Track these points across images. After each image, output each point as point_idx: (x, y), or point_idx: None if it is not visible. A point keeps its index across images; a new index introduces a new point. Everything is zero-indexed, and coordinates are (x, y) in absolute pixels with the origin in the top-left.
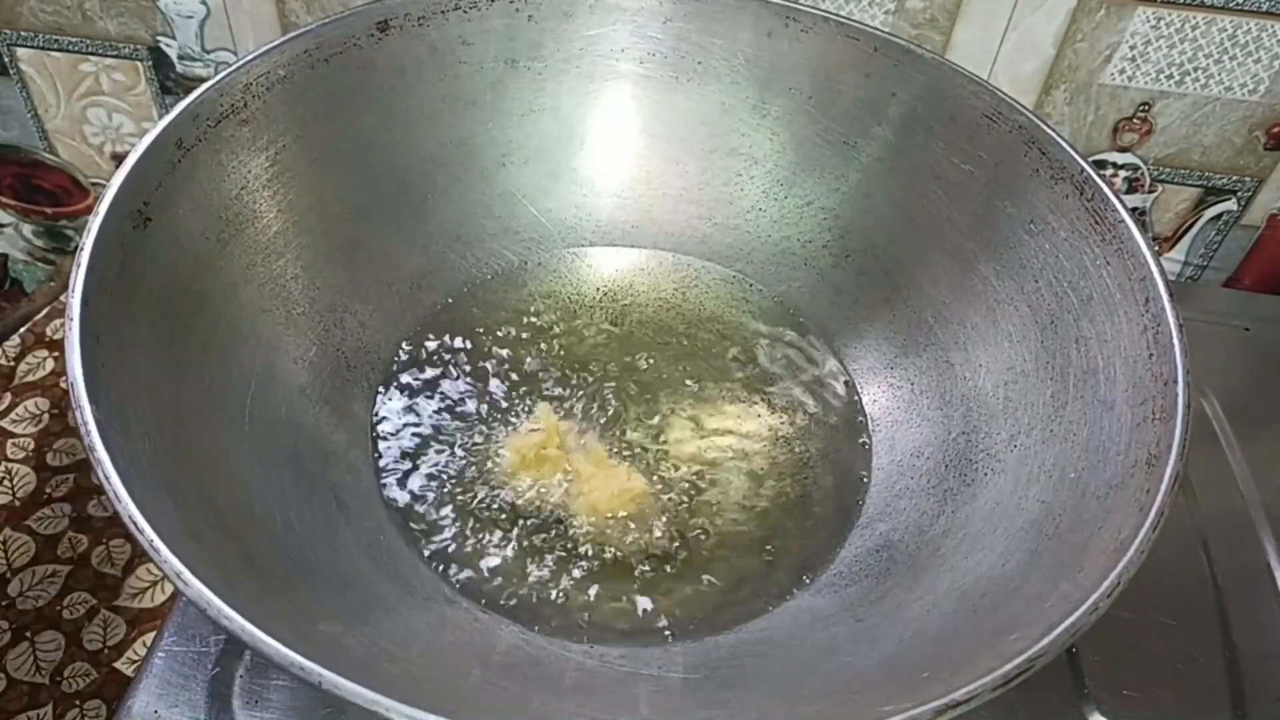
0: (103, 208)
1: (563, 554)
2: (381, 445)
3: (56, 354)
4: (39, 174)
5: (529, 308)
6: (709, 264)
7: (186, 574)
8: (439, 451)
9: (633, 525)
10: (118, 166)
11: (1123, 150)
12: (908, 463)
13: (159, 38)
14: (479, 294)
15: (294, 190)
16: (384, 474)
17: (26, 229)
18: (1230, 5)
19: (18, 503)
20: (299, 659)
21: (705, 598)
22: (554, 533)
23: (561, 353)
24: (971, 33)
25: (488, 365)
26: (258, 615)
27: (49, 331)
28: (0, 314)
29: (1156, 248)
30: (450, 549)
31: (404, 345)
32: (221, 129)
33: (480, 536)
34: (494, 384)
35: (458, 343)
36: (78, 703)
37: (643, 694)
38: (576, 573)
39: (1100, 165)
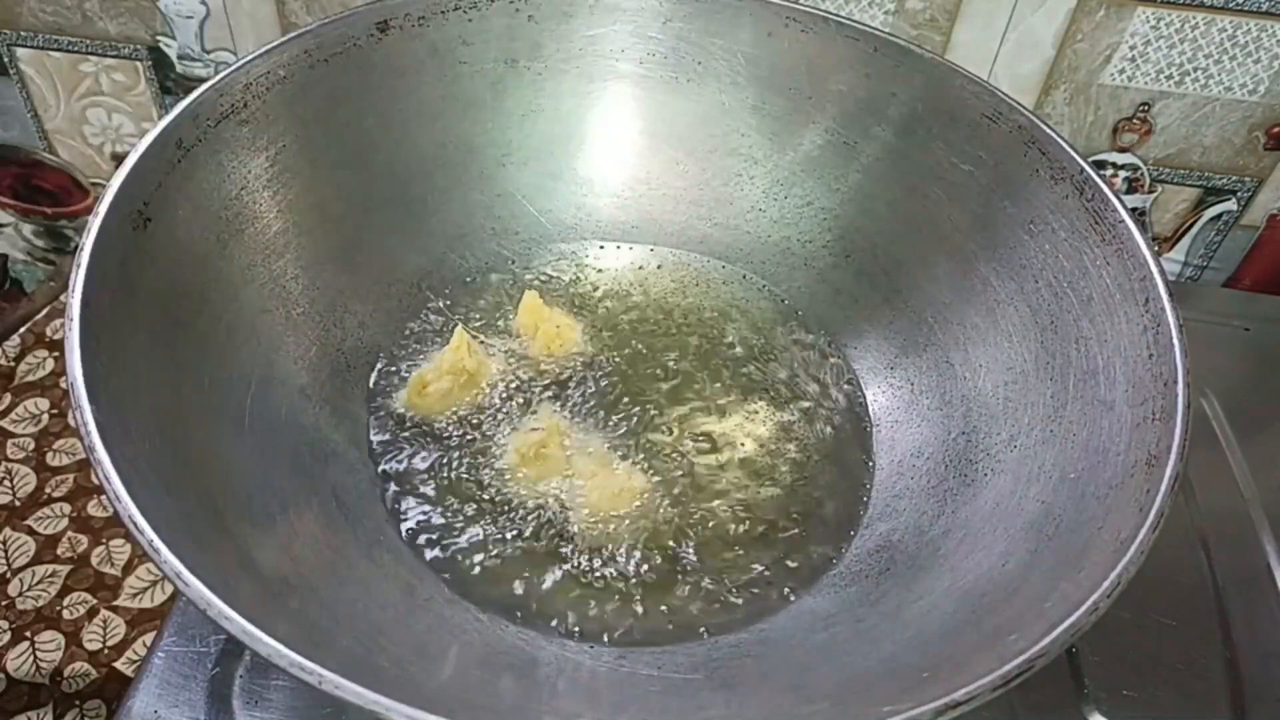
0: (103, 208)
1: (563, 553)
2: (381, 445)
3: (56, 354)
4: (39, 174)
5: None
6: (709, 264)
7: (186, 574)
8: (439, 451)
9: (632, 524)
10: (118, 166)
11: (1123, 150)
12: (908, 463)
13: (159, 38)
14: (478, 294)
15: (294, 190)
16: (383, 474)
17: (26, 229)
18: (1230, 5)
19: (18, 503)
20: (299, 659)
21: (705, 598)
22: (554, 532)
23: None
24: (971, 33)
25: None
26: (258, 615)
27: (49, 331)
28: (0, 314)
29: (1156, 248)
30: (450, 548)
31: (404, 345)
32: (221, 129)
33: (480, 536)
34: (494, 383)
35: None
36: (78, 703)
37: (643, 694)
38: (576, 572)
39: (1100, 165)
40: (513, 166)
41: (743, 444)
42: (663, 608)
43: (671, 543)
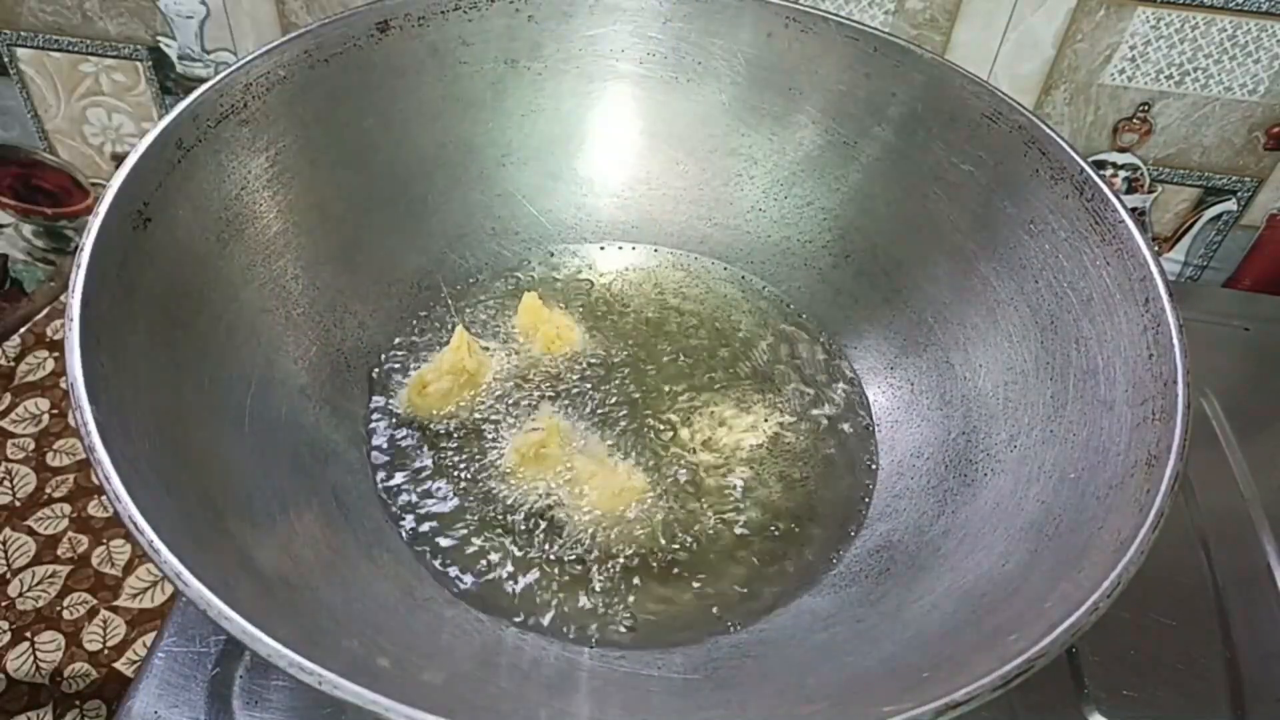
0: (103, 208)
1: (562, 553)
2: (381, 445)
3: (56, 354)
4: (39, 174)
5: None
6: (709, 264)
7: (186, 574)
8: (439, 452)
9: (633, 524)
10: (118, 166)
11: (1123, 150)
12: (908, 463)
13: (159, 38)
14: (478, 294)
15: (294, 190)
16: (383, 474)
17: (26, 229)
18: (1230, 5)
19: (18, 503)
20: (299, 659)
21: (705, 597)
22: (554, 532)
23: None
24: (971, 33)
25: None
26: (258, 615)
27: (49, 331)
28: (0, 314)
29: (1156, 248)
30: (450, 549)
31: (404, 345)
32: (221, 129)
33: (480, 536)
34: (494, 383)
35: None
36: (78, 703)
37: (643, 694)
38: (576, 572)
39: (1100, 165)
40: (513, 166)
41: (742, 443)
42: (663, 608)
43: (671, 542)
